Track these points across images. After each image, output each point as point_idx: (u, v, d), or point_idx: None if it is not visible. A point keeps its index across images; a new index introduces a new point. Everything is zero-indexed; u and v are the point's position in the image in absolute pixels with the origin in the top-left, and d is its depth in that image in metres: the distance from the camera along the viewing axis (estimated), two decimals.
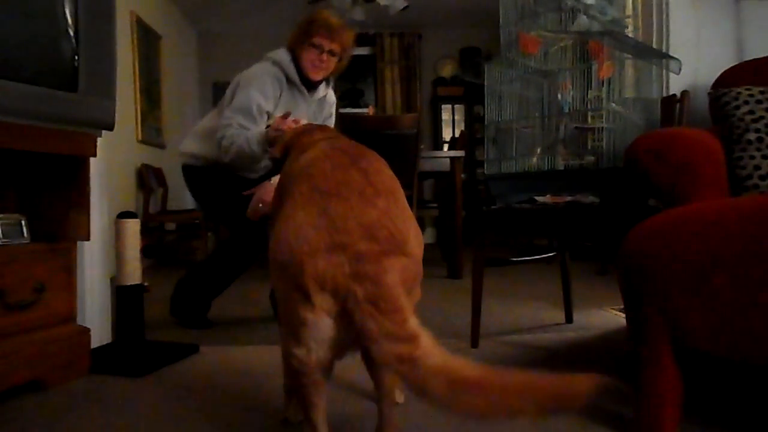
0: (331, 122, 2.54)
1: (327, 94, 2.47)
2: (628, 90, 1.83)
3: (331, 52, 2.29)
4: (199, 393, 1.52)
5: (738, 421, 1.27)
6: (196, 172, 2.35)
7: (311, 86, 2.36)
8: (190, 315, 2.32)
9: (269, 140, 2.00)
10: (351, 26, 2.40)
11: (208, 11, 6.05)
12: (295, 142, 1.32)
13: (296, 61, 2.30)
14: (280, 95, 2.28)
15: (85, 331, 1.70)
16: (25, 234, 1.59)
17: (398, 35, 6.80)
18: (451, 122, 6.77)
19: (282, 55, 2.32)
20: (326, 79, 2.41)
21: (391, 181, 1.01)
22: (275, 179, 2.32)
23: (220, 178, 2.30)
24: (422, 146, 3.66)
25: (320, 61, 2.28)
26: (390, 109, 6.75)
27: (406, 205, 1.00)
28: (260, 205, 2.12)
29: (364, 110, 6.28)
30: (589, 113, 1.73)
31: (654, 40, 2.25)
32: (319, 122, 2.41)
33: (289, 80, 2.30)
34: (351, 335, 0.84)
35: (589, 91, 1.73)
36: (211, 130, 2.27)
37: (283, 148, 1.37)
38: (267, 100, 2.22)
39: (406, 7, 4.66)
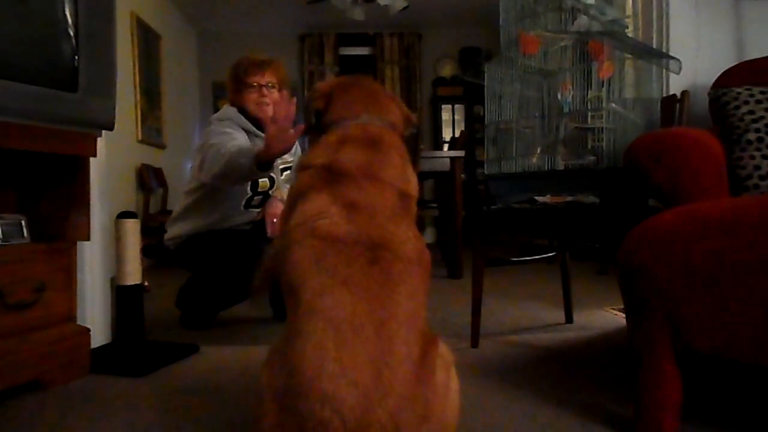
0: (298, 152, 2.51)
1: None
2: (628, 90, 1.82)
3: (270, 85, 2.30)
4: (199, 393, 1.52)
5: (738, 421, 1.27)
6: (185, 244, 2.32)
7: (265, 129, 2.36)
8: (193, 313, 2.32)
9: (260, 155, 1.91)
10: (277, 57, 2.42)
11: (208, 11, 6.05)
12: (335, 106, 1.18)
13: (243, 111, 2.31)
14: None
15: (85, 331, 1.70)
16: (25, 234, 1.59)
17: (398, 35, 6.80)
18: (451, 122, 6.76)
19: (228, 110, 2.33)
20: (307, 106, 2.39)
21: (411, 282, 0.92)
22: (278, 193, 2.32)
23: (208, 236, 2.28)
24: (422, 146, 3.66)
25: (262, 97, 2.28)
26: None
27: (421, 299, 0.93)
28: (274, 220, 2.13)
29: None
30: (589, 113, 1.73)
31: (654, 40, 2.25)
32: (291, 159, 2.42)
33: (245, 132, 2.29)
34: None
35: (589, 91, 1.73)
36: (188, 206, 2.31)
37: (323, 100, 1.21)
38: (238, 141, 2.19)
39: (406, 7, 4.66)
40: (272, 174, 2.32)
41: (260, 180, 2.27)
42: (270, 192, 2.34)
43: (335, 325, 0.84)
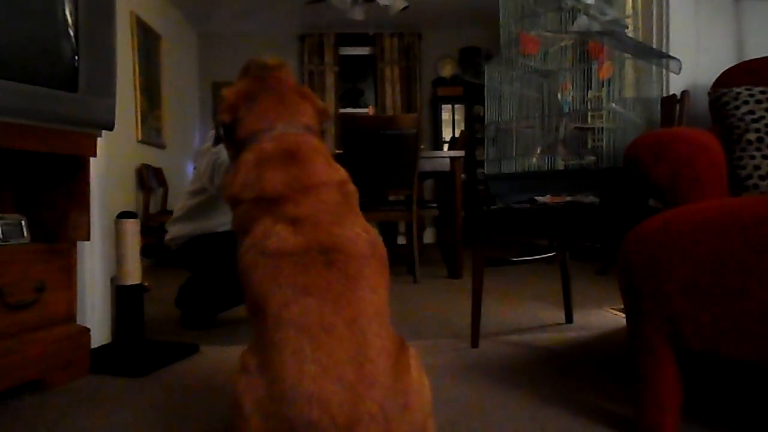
0: None
1: None
2: (628, 90, 1.82)
3: None
4: (199, 393, 1.52)
5: (738, 421, 1.27)
6: (187, 244, 2.34)
7: None
8: (193, 313, 2.32)
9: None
10: (287, 61, 2.42)
11: (208, 11, 6.05)
12: (244, 114, 1.17)
13: None
14: None
15: (85, 331, 1.70)
16: (25, 234, 1.59)
17: (398, 35, 6.80)
18: (451, 122, 6.77)
19: None
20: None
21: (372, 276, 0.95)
22: None
23: (211, 237, 2.31)
24: (422, 146, 3.66)
25: None
26: (390, 109, 6.76)
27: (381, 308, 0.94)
28: None
29: (364, 110, 6.29)
30: (589, 113, 1.73)
31: (654, 40, 2.25)
32: None
33: None
34: None
35: (589, 91, 1.72)
36: (192, 208, 2.33)
37: (230, 111, 1.19)
38: None
39: (406, 7, 4.66)
40: None
41: None
42: None
43: (307, 330, 0.85)
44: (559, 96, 1.83)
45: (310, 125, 1.18)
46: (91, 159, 1.68)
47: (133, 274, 1.84)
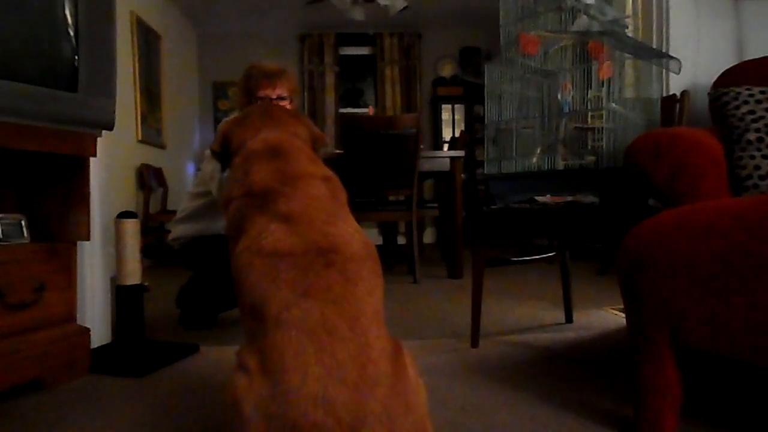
0: None
1: None
2: (628, 90, 1.82)
3: (280, 98, 2.30)
4: (199, 393, 1.52)
5: (738, 421, 1.27)
6: (189, 244, 2.35)
7: None
8: (194, 313, 2.32)
9: None
10: (288, 67, 2.42)
11: (208, 11, 6.05)
12: (235, 141, 1.22)
13: None
14: None
15: (85, 331, 1.70)
16: (25, 234, 1.59)
17: (398, 35, 6.80)
18: (451, 122, 6.77)
19: None
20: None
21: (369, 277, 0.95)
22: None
23: (214, 237, 2.30)
24: (422, 146, 3.66)
25: None
26: (390, 109, 6.76)
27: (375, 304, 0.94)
28: None
29: (364, 110, 6.29)
30: (589, 113, 1.73)
31: (654, 40, 2.25)
32: None
33: None
34: None
35: (589, 91, 1.72)
36: (195, 210, 2.33)
37: (221, 141, 1.26)
38: None
39: (406, 7, 4.66)
40: None
41: None
42: None
43: (309, 332, 0.85)
44: (559, 96, 1.83)
45: (297, 133, 1.20)
46: (91, 159, 1.68)
47: (133, 274, 1.84)
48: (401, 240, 5.11)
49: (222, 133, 1.26)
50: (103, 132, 1.69)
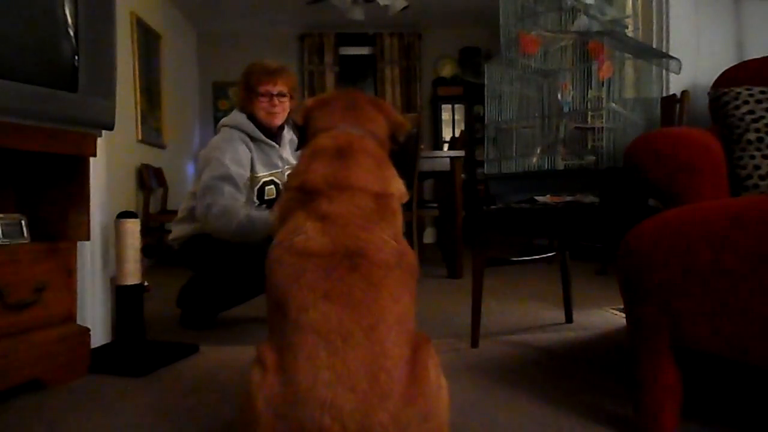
0: None
1: (292, 137, 2.43)
2: (628, 90, 1.82)
3: (281, 94, 2.29)
4: (199, 393, 1.52)
5: (738, 421, 1.27)
6: (190, 243, 2.30)
7: (275, 136, 2.36)
8: (194, 312, 2.32)
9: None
10: (288, 65, 2.41)
11: (208, 11, 6.05)
12: (314, 122, 1.21)
13: (252, 118, 2.31)
14: (252, 156, 2.28)
15: (85, 331, 1.70)
16: (25, 234, 1.59)
17: (398, 35, 6.80)
18: (451, 122, 6.77)
19: (237, 117, 2.32)
20: (287, 122, 2.39)
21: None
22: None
23: (212, 238, 2.21)
24: (422, 146, 3.66)
25: (273, 107, 2.28)
26: None
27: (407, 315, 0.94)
28: None
29: None
30: (589, 113, 1.73)
31: (654, 40, 2.25)
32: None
33: (253, 139, 2.29)
34: None
35: (589, 91, 1.72)
36: (193, 209, 2.26)
37: (303, 113, 1.24)
38: (242, 167, 2.21)
39: (406, 7, 4.66)
40: (278, 181, 2.34)
41: (267, 188, 2.31)
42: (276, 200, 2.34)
43: (324, 336, 0.85)
44: (559, 96, 1.83)
45: (376, 132, 1.18)
46: (91, 159, 1.68)
47: (133, 274, 1.84)
48: None
49: (306, 109, 1.23)
50: (103, 132, 1.69)
